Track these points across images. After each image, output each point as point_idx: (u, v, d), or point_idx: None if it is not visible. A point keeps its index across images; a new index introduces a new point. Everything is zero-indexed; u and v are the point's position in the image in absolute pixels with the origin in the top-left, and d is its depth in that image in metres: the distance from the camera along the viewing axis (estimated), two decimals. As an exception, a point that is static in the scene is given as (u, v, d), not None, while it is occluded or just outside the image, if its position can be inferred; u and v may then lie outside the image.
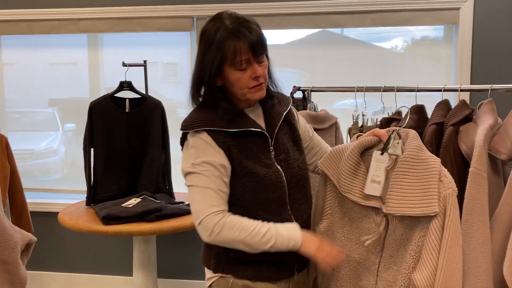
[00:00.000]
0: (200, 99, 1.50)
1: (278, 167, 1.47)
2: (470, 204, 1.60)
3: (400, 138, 1.42)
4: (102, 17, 3.16)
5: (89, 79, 3.42)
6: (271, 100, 1.54)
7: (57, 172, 3.57)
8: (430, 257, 1.35)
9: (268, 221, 1.42)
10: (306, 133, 1.65)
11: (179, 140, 1.51)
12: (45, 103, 3.52)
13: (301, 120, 1.66)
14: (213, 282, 1.51)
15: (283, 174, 1.47)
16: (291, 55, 3.11)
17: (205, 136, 1.42)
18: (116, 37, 3.33)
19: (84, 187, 2.77)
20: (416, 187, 1.33)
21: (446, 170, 1.40)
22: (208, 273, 1.54)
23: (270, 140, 1.49)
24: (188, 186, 1.44)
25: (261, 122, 1.52)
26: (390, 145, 1.40)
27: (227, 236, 1.38)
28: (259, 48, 1.39)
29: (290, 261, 1.49)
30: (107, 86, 3.38)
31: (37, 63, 3.45)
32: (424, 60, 3.02)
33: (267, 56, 1.48)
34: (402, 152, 1.39)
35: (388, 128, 1.51)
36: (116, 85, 2.80)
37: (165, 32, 3.14)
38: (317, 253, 1.39)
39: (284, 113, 1.54)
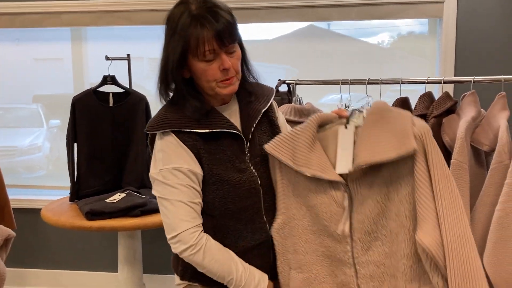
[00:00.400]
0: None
1: (254, 171, 1.34)
2: (452, 196, 1.61)
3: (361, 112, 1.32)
4: (85, 10, 3.12)
5: (73, 74, 3.37)
6: (249, 96, 1.40)
7: (41, 168, 3.53)
8: (427, 207, 1.14)
9: (240, 231, 1.33)
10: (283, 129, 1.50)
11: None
12: (29, 99, 3.47)
13: (281, 119, 1.51)
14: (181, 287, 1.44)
15: (258, 179, 1.34)
16: (278, 50, 3.09)
17: (172, 138, 1.28)
18: (100, 31, 3.29)
19: (68, 183, 2.74)
20: (388, 132, 1.17)
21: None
22: (177, 279, 1.46)
23: (245, 142, 1.35)
24: (158, 197, 1.32)
25: (236, 120, 1.37)
26: (353, 118, 1.30)
27: (201, 263, 1.29)
28: (226, 37, 1.22)
29: (269, 271, 1.40)
30: (92, 81, 3.33)
31: (21, 59, 3.40)
32: (410, 55, 3.04)
33: (241, 46, 1.33)
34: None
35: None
36: (100, 80, 2.77)
37: (150, 25, 3.12)
38: None
39: (263, 111, 1.39)
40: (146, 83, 2.81)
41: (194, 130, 1.28)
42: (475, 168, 1.74)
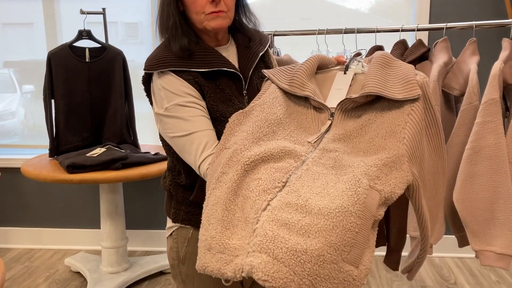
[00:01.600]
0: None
1: None
2: (424, 137, 1.69)
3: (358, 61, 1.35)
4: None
5: (45, 36, 3.29)
6: (247, 41, 1.40)
7: (16, 134, 3.47)
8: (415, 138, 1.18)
9: None
10: None
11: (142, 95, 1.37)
12: None
13: (276, 66, 1.53)
14: (173, 231, 1.45)
15: None
16: (256, 15, 3.04)
17: (172, 77, 1.27)
18: None
19: (45, 143, 2.72)
20: (394, 76, 1.23)
21: None
22: (169, 222, 1.47)
23: (244, 83, 1.35)
24: (171, 137, 1.29)
25: (234, 62, 1.37)
26: (352, 65, 1.34)
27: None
28: None
29: None
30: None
31: None
32: (387, 19, 3.03)
33: None
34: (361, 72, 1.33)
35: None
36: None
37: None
38: None
39: (260, 54, 1.40)
40: (122, 48, 2.78)
41: (194, 70, 1.27)
42: (445, 113, 1.82)
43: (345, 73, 1.33)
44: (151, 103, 1.37)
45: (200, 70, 1.27)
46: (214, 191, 1.14)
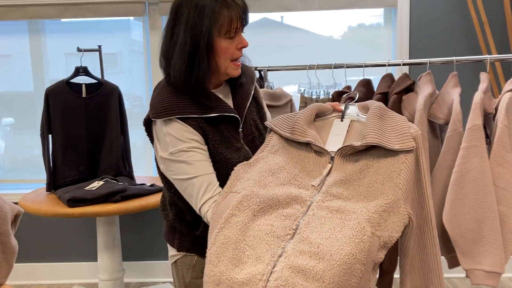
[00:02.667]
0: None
1: (247, 148, 1.43)
2: (414, 163, 1.81)
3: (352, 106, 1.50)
4: (50, 3, 3.13)
5: (32, 69, 3.35)
6: (240, 78, 1.46)
7: (-3, 167, 3.49)
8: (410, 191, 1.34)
9: None
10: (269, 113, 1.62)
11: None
12: None
13: (262, 98, 1.60)
14: (177, 259, 1.52)
15: (252, 155, 1.42)
16: None
17: (178, 124, 1.33)
18: (55, 25, 3.30)
19: (30, 177, 2.75)
20: (390, 127, 1.36)
21: None
22: (172, 250, 1.54)
23: (240, 122, 1.43)
24: (174, 178, 1.37)
25: (229, 102, 1.45)
26: (347, 112, 1.47)
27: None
28: (247, 17, 1.35)
29: None
30: (52, 78, 3.34)
31: None
32: (364, 46, 3.20)
33: None
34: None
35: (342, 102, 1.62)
36: (60, 76, 2.80)
37: (117, 17, 3.17)
38: None
39: (252, 92, 1.49)
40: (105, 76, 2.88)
41: (198, 116, 1.34)
42: (431, 140, 1.95)
43: (342, 120, 1.47)
44: (152, 142, 1.44)
45: (205, 116, 1.35)
46: (223, 231, 1.23)
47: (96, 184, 2.58)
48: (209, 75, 1.36)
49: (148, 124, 1.42)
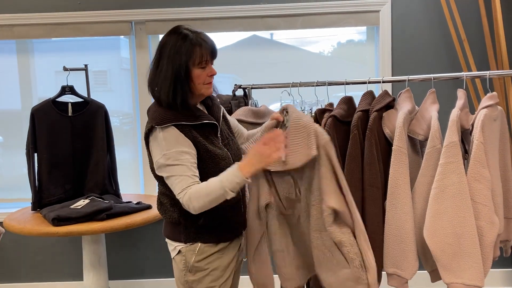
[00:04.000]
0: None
1: (226, 149, 1.78)
2: (394, 178, 1.84)
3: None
4: (38, 23, 3.16)
5: (20, 88, 3.36)
6: (210, 100, 1.87)
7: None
8: (330, 183, 1.71)
9: None
10: (234, 122, 2.00)
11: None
12: None
13: (227, 114, 1.99)
14: (181, 248, 1.79)
15: (231, 154, 1.79)
16: (222, 61, 3.18)
17: (174, 130, 1.66)
18: (43, 44, 3.32)
19: (17, 196, 2.75)
20: (300, 141, 1.71)
21: (321, 128, 1.76)
22: (173, 244, 1.82)
23: (218, 129, 1.80)
24: (166, 176, 1.66)
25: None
26: (285, 122, 1.76)
27: (200, 205, 1.61)
28: (215, 51, 1.73)
29: (238, 225, 1.87)
30: (40, 96, 3.35)
31: None
32: (350, 62, 3.27)
33: None
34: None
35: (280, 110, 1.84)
36: (49, 94, 2.81)
37: (104, 36, 3.21)
38: (260, 161, 1.63)
39: (222, 108, 1.89)
40: (91, 96, 2.91)
41: (190, 123, 1.69)
42: (412, 156, 1.98)
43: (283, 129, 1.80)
44: (149, 154, 1.74)
45: (194, 123, 1.71)
46: None
47: (81, 203, 2.58)
48: (189, 95, 1.72)
49: (148, 137, 1.72)
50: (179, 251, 1.80)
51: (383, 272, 1.96)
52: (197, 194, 1.61)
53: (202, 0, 3.10)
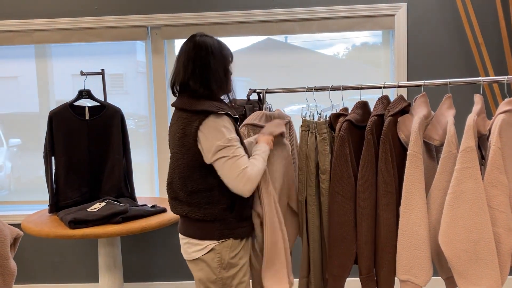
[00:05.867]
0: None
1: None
2: (409, 183, 1.83)
3: None
4: (56, 28, 3.21)
5: (38, 91, 3.42)
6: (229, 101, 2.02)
7: (3, 188, 3.50)
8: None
9: None
10: None
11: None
12: None
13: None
14: (214, 246, 1.85)
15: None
16: (236, 64, 3.21)
17: (228, 118, 1.82)
18: (61, 48, 3.38)
19: (35, 198, 2.78)
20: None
21: None
22: (205, 242, 1.86)
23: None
24: (226, 158, 1.76)
25: None
26: None
27: (256, 176, 1.80)
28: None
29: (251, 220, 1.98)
30: (57, 98, 3.40)
31: None
32: (364, 65, 3.26)
33: None
34: None
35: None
36: (66, 97, 2.85)
37: (120, 41, 3.25)
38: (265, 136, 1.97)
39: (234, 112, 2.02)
40: (107, 98, 2.95)
41: (234, 116, 1.87)
42: (427, 161, 1.97)
43: None
44: (197, 144, 1.80)
45: (234, 116, 1.89)
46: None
47: (97, 206, 2.61)
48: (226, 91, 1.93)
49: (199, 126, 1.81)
50: (212, 249, 1.85)
51: (396, 279, 1.94)
52: (255, 172, 1.78)
53: (217, 5, 3.12)
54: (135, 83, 3.40)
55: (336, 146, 1.98)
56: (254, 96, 2.46)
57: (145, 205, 2.74)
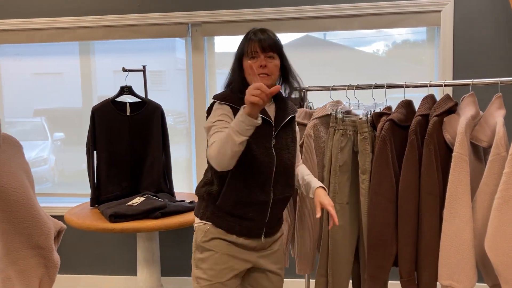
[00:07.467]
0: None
1: (274, 153, 1.81)
2: (454, 186, 1.76)
3: None
4: (99, 25, 3.28)
5: (81, 87, 3.50)
6: (283, 103, 1.91)
7: (48, 181, 3.61)
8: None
9: (254, 188, 1.77)
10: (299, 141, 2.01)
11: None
12: (29, 113, 3.57)
13: (298, 133, 2.00)
14: (195, 226, 1.91)
15: (275, 160, 1.80)
16: None
17: (226, 107, 1.78)
18: (103, 45, 3.45)
19: (76, 191, 2.84)
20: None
21: None
22: (196, 219, 1.92)
23: (274, 130, 1.82)
24: (210, 135, 1.74)
25: (271, 115, 1.86)
26: None
27: (216, 151, 1.64)
28: (265, 44, 1.77)
29: (259, 226, 1.85)
30: (99, 94, 3.48)
31: (20, 73, 3.51)
32: (405, 63, 3.16)
33: (282, 60, 1.84)
34: None
35: None
36: (107, 93, 2.90)
37: (161, 38, 3.28)
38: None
39: (290, 116, 1.90)
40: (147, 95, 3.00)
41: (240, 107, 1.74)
42: (474, 163, 1.89)
43: None
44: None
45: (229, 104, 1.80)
46: None
47: (137, 200, 2.65)
48: (245, 84, 1.79)
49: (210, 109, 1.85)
50: (195, 227, 1.90)
51: (437, 284, 1.88)
52: (212, 149, 1.66)
53: (257, 2, 3.10)
54: (174, 80, 3.43)
55: (378, 146, 1.93)
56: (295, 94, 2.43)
57: (183, 200, 2.76)
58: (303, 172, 1.98)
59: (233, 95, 1.81)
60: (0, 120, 1.27)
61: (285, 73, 1.89)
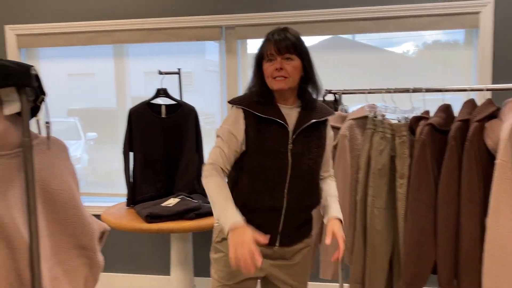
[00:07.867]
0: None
1: (290, 158, 1.73)
2: (496, 195, 1.72)
3: None
4: (135, 28, 3.34)
5: (115, 88, 3.57)
6: (308, 107, 1.80)
7: (80, 180, 3.68)
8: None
9: (263, 194, 1.72)
10: (328, 147, 1.87)
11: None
12: (64, 113, 3.65)
13: (330, 139, 1.87)
14: (214, 225, 1.89)
15: (290, 165, 1.72)
16: None
17: (239, 111, 1.76)
18: (136, 47, 3.51)
19: (108, 191, 2.89)
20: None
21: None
22: (215, 219, 1.90)
23: (291, 135, 1.74)
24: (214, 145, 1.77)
25: (291, 118, 1.77)
26: None
27: (205, 185, 1.69)
28: (281, 46, 1.69)
29: (271, 234, 1.75)
30: (133, 95, 3.54)
31: (55, 74, 3.60)
32: (436, 65, 3.09)
33: (303, 60, 1.73)
34: None
35: None
36: (139, 94, 2.94)
37: (195, 41, 3.31)
38: (232, 247, 1.50)
39: (313, 120, 1.77)
40: (177, 96, 3.03)
41: (253, 112, 1.74)
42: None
43: None
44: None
45: (259, 114, 1.74)
46: None
47: (172, 201, 2.68)
48: (264, 88, 1.76)
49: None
50: (214, 227, 1.90)
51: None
52: (209, 184, 1.66)
53: (291, 4, 3.10)
54: (203, 81, 3.46)
55: (417, 150, 1.91)
56: (330, 97, 2.42)
57: (217, 202, 2.78)
58: (328, 191, 1.86)
59: (250, 98, 1.77)
60: (50, 124, 1.31)
61: (307, 75, 1.78)
